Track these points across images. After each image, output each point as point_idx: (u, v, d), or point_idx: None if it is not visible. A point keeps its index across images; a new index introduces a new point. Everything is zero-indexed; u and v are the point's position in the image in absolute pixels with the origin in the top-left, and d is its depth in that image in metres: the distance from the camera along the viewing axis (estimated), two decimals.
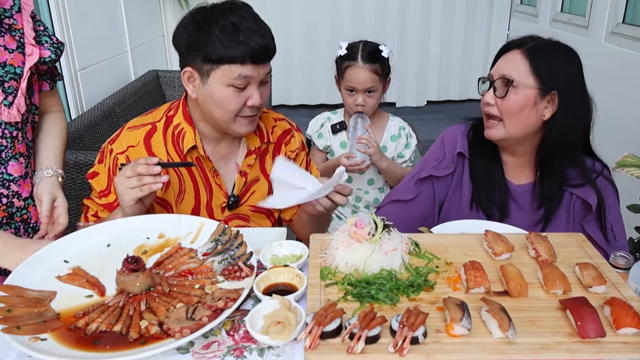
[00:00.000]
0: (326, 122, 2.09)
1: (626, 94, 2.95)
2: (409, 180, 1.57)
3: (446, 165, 1.53)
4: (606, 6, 3.24)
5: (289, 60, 5.39)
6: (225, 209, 1.47)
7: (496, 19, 5.46)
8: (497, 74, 1.39)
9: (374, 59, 1.91)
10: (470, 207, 1.50)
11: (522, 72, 1.35)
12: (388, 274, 1.07)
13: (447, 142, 1.56)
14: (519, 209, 1.48)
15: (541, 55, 1.36)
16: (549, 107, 1.37)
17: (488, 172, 1.49)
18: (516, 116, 1.37)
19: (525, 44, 1.38)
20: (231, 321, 0.98)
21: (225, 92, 1.29)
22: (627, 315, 0.91)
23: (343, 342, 0.88)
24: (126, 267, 1.02)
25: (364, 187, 2.09)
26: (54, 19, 2.76)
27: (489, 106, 1.40)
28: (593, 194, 1.41)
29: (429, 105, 5.78)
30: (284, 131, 1.56)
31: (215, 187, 1.44)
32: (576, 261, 1.11)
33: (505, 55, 1.41)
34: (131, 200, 1.20)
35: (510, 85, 1.35)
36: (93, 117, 2.70)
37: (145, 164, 1.18)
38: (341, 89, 2.00)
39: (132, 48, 3.71)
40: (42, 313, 0.95)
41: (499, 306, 0.93)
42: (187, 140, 1.38)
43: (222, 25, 1.24)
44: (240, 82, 1.28)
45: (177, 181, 1.42)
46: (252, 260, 1.10)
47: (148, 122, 1.42)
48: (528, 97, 1.35)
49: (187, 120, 1.40)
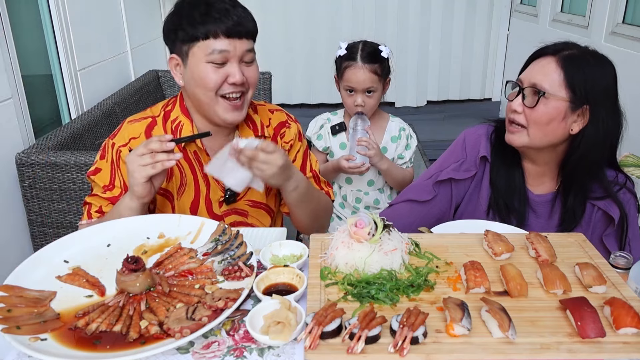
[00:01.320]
0: (326, 123, 2.09)
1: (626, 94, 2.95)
2: (427, 180, 1.52)
3: (467, 168, 1.48)
4: (606, 6, 3.24)
5: (289, 60, 5.39)
6: (222, 203, 1.47)
7: (496, 19, 5.46)
8: (527, 81, 1.33)
9: (373, 59, 1.90)
10: (487, 213, 1.46)
11: (555, 83, 1.29)
12: (388, 274, 1.07)
13: (469, 143, 1.50)
14: (536, 218, 1.45)
15: (577, 66, 1.29)
16: (578, 121, 1.32)
17: (509, 178, 1.45)
18: (543, 127, 1.31)
19: (561, 51, 1.31)
20: (231, 321, 0.98)
21: (204, 69, 1.29)
22: (627, 315, 0.91)
23: (343, 342, 0.88)
24: (126, 267, 1.02)
25: (364, 188, 2.08)
26: (54, 19, 2.76)
27: (515, 114, 1.34)
28: (615, 207, 1.36)
29: (429, 105, 5.77)
30: (280, 123, 1.55)
31: (212, 181, 1.45)
32: (576, 261, 1.11)
33: (538, 61, 1.34)
34: (143, 177, 1.19)
35: (542, 96, 1.29)
36: (93, 117, 2.70)
37: (159, 140, 1.18)
38: (340, 89, 1.99)
39: (132, 48, 3.71)
40: (42, 313, 0.95)
41: (499, 306, 0.93)
42: (185, 132, 1.39)
43: (195, 4, 1.29)
44: (217, 57, 1.28)
45: (179, 174, 1.42)
46: (252, 260, 1.10)
47: (148, 116, 1.43)
48: (558, 110, 1.29)
49: (184, 113, 1.41)
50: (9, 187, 2.25)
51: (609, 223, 1.39)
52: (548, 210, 1.45)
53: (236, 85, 1.31)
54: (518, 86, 1.35)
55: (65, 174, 2.21)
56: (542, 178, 1.46)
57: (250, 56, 1.34)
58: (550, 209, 1.44)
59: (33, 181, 2.21)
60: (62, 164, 2.19)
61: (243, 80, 1.32)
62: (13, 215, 2.29)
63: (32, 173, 2.19)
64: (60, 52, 2.82)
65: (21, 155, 2.18)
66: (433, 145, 3.97)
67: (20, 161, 2.17)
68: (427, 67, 5.62)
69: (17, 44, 2.33)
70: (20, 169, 2.19)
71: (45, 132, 2.49)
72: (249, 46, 1.32)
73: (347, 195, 2.09)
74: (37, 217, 2.30)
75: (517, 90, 1.35)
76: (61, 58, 2.83)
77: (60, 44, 2.80)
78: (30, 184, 2.22)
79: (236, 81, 1.30)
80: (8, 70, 2.25)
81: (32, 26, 2.70)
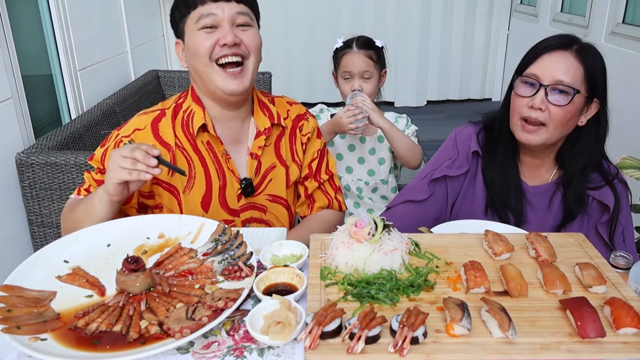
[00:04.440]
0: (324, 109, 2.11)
1: (626, 94, 2.95)
2: (422, 180, 1.53)
3: (460, 165, 1.49)
4: (606, 6, 3.24)
5: (289, 60, 5.40)
6: (241, 196, 1.43)
7: (496, 19, 5.46)
8: (549, 77, 1.29)
9: (368, 46, 1.96)
10: (485, 212, 1.47)
11: (578, 79, 1.28)
12: (388, 274, 1.07)
13: (460, 141, 1.52)
14: (533, 212, 1.45)
15: (592, 60, 1.30)
16: (587, 113, 1.34)
17: (504, 174, 1.45)
18: (564, 124, 1.31)
19: (571, 45, 1.31)
20: (231, 321, 0.98)
21: (197, 37, 1.30)
22: (627, 315, 0.91)
23: (343, 342, 0.88)
24: (126, 267, 1.02)
25: (364, 177, 2.09)
26: (54, 19, 2.76)
27: (536, 111, 1.30)
28: (610, 196, 1.38)
29: (429, 105, 5.78)
30: (298, 115, 1.55)
31: (227, 172, 1.41)
32: (576, 261, 1.11)
33: (551, 56, 1.31)
34: (117, 179, 1.17)
35: (576, 94, 1.28)
36: (93, 117, 2.71)
37: (145, 152, 1.16)
38: (338, 78, 2.02)
39: (132, 48, 3.72)
40: (42, 313, 0.95)
41: (499, 306, 0.93)
42: (197, 119, 1.38)
43: None
44: (207, 22, 1.29)
45: (185, 166, 1.39)
46: (252, 260, 1.10)
47: (157, 109, 1.42)
48: (579, 105, 1.31)
49: (195, 101, 1.40)
50: (9, 187, 2.25)
51: (603, 212, 1.41)
52: (545, 202, 1.46)
53: (229, 47, 1.29)
54: (537, 83, 1.31)
55: (65, 174, 2.21)
56: (538, 170, 1.47)
57: (243, 19, 1.32)
58: (548, 200, 1.45)
59: (33, 181, 2.21)
60: (62, 164, 2.19)
61: (235, 41, 1.29)
62: (13, 215, 2.29)
63: (32, 173, 2.19)
64: (60, 52, 2.82)
65: (21, 155, 2.18)
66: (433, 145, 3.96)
67: (20, 161, 2.17)
68: (427, 67, 5.62)
69: (17, 44, 2.33)
70: (20, 169, 2.19)
71: (45, 132, 2.49)
72: (240, 9, 1.31)
73: (349, 184, 2.10)
74: (37, 217, 2.30)
75: (537, 88, 1.31)
76: (61, 58, 2.83)
77: (60, 44, 2.80)
78: (30, 184, 2.22)
79: (227, 42, 1.28)
80: (8, 70, 2.25)
81: (32, 26, 2.71)
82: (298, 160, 1.52)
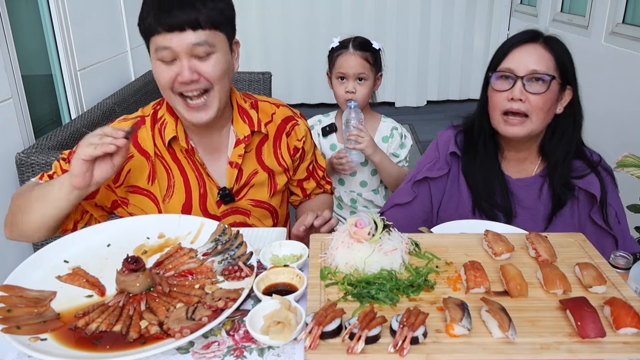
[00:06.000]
0: (317, 125, 2.08)
1: (626, 94, 2.95)
2: (407, 183, 1.58)
3: (440, 167, 1.52)
4: (606, 6, 3.24)
5: (289, 60, 5.40)
6: (221, 203, 1.42)
7: (496, 19, 5.47)
8: (523, 69, 1.34)
9: (364, 48, 1.93)
10: (473, 213, 1.48)
11: (551, 67, 1.35)
12: (388, 274, 1.07)
13: (441, 143, 1.56)
14: (521, 206, 1.46)
15: (559, 48, 1.37)
16: (562, 101, 1.39)
17: (486, 172, 1.47)
18: (544, 112, 1.36)
19: (538, 37, 1.37)
20: (231, 321, 0.98)
21: (157, 67, 1.23)
22: (627, 315, 0.91)
23: (343, 342, 0.88)
24: (126, 267, 1.02)
25: (357, 189, 2.07)
26: (54, 19, 2.76)
27: (517, 102, 1.34)
28: (596, 184, 1.40)
29: (429, 105, 5.78)
30: (285, 119, 1.48)
31: (207, 179, 1.39)
32: (576, 261, 1.11)
33: (520, 50, 1.37)
34: (84, 154, 1.11)
35: (552, 80, 1.34)
36: (93, 117, 2.70)
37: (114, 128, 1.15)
38: (333, 79, 1.99)
39: (132, 48, 3.71)
40: (42, 313, 0.95)
41: (499, 306, 0.93)
42: (168, 131, 1.35)
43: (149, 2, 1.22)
44: (163, 55, 1.20)
45: (164, 175, 1.37)
46: (252, 260, 1.10)
47: (138, 115, 1.41)
48: (555, 92, 1.36)
49: (169, 112, 1.36)
50: (9, 187, 2.25)
51: (591, 201, 1.42)
52: (532, 194, 1.46)
53: (187, 84, 1.22)
54: (513, 76, 1.35)
55: None
56: (522, 164, 1.49)
57: (202, 50, 1.20)
58: (537, 192, 1.46)
59: None
60: None
61: (193, 78, 1.21)
62: None
63: (32, 173, 2.19)
64: (60, 52, 2.82)
65: (21, 155, 2.18)
66: None
67: (20, 161, 2.17)
68: (427, 67, 5.63)
69: (17, 44, 2.33)
70: (20, 169, 2.19)
71: (45, 132, 2.49)
72: (197, 39, 1.18)
73: (342, 196, 2.09)
74: None
75: (513, 80, 1.35)
76: (61, 58, 2.83)
77: (60, 44, 2.80)
78: None
79: (184, 80, 1.20)
80: (8, 70, 2.25)
81: (32, 26, 2.71)
82: (284, 164, 1.48)
